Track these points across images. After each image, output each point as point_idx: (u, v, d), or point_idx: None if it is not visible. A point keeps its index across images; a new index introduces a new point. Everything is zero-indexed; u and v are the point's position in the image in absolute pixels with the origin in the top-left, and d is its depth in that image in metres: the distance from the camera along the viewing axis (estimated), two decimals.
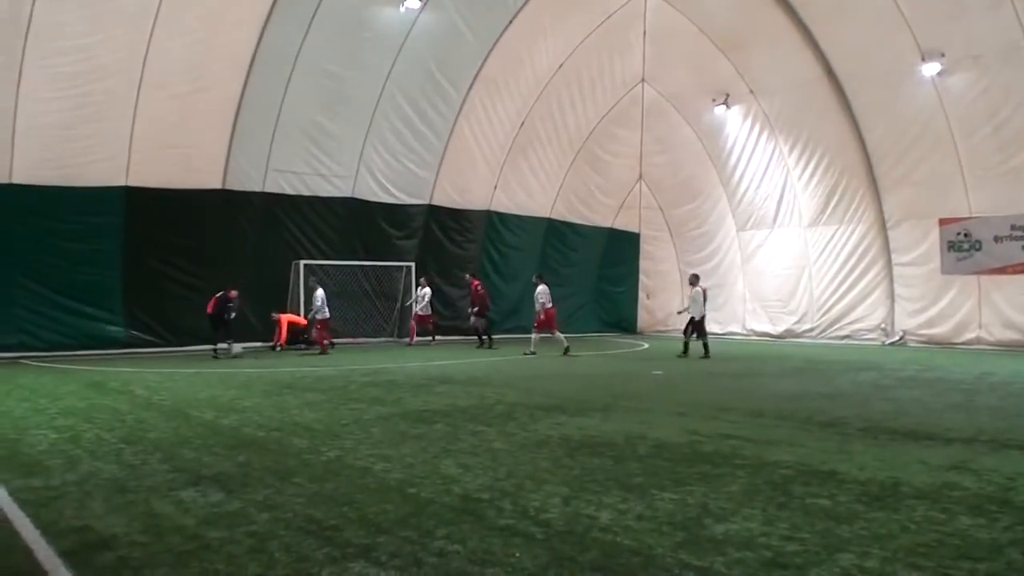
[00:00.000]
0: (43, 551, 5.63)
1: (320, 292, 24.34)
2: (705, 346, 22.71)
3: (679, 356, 22.82)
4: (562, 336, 23.77)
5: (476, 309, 27.15)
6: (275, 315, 25.39)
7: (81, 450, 9.17)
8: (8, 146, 21.27)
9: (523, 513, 6.45)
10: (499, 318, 31.73)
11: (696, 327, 22.96)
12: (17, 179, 21.58)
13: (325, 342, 24.15)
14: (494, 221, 32.17)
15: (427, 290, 27.94)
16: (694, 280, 23.62)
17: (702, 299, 23.01)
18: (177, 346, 23.81)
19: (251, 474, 7.90)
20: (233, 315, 22.61)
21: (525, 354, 22.79)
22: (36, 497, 7.03)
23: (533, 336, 23.86)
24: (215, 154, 24.62)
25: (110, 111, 22.28)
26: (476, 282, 27.63)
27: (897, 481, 7.53)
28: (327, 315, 24.28)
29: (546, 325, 23.77)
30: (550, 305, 23.70)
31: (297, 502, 6.83)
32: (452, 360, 21.76)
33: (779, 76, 29.28)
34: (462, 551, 5.57)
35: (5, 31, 20.07)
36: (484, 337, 27.10)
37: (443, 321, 30.66)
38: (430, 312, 27.89)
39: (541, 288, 23.75)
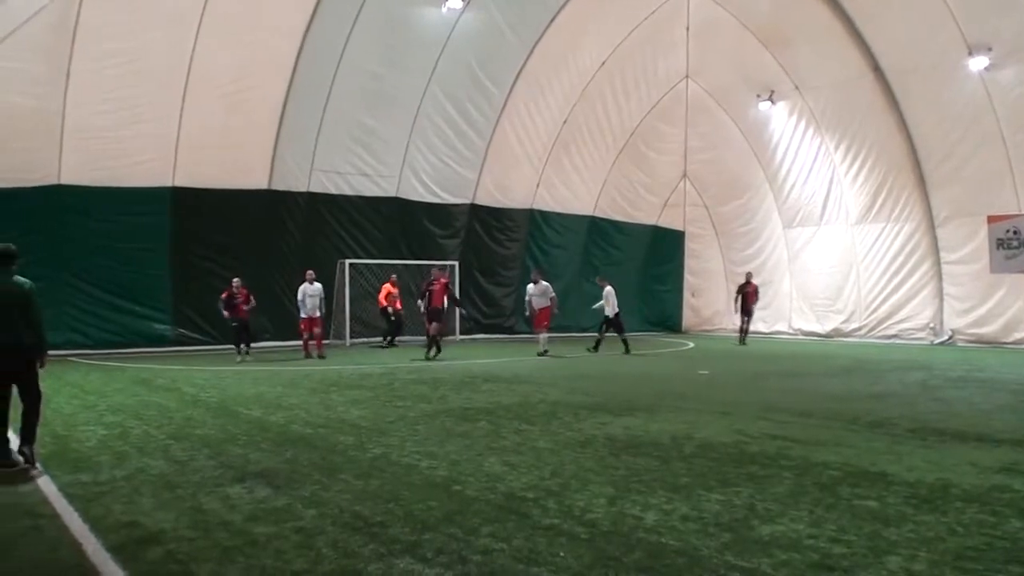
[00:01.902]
0: (92, 546, 5.71)
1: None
2: (624, 342, 23.80)
3: (589, 350, 23.82)
4: (544, 337, 23.28)
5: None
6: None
7: (129, 446, 9.28)
8: (56, 148, 21.56)
9: (568, 512, 6.43)
10: None
11: (612, 324, 24.27)
12: (65, 180, 21.86)
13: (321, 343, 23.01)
14: (537, 219, 32.09)
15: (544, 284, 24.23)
16: (603, 280, 24.98)
17: (613, 297, 24.20)
18: (224, 344, 24.00)
19: (298, 470, 7.95)
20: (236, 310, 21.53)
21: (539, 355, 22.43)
22: (85, 492, 7.14)
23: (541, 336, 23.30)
24: (261, 154, 24.78)
25: (156, 113, 22.49)
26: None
27: (946, 483, 7.43)
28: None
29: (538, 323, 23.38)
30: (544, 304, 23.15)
31: (343, 498, 6.87)
32: (496, 359, 21.76)
33: (824, 72, 28.90)
34: (507, 549, 5.56)
35: (52, 34, 20.34)
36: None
37: (486, 319, 30.69)
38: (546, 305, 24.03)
39: (539, 287, 23.22)
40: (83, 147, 21.74)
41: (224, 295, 21.51)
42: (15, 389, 8.59)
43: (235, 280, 21.67)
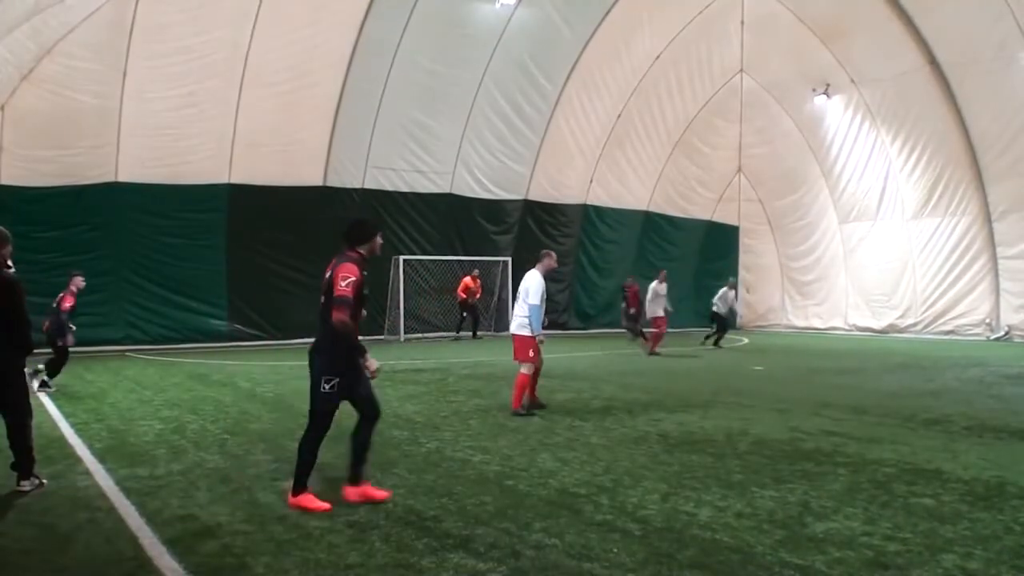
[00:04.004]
0: (148, 539, 5.80)
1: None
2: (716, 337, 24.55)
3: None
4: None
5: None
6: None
7: (186, 440, 9.41)
8: (114, 145, 21.93)
9: (621, 509, 6.41)
10: (595, 312, 31.67)
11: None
12: (123, 177, 22.23)
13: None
14: (590, 215, 31.98)
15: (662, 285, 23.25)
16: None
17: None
18: (279, 339, 24.27)
19: None
20: None
21: None
22: (142, 486, 7.25)
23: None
24: (316, 151, 25.00)
25: (213, 109, 22.79)
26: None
27: (1003, 481, 7.32)
28: None
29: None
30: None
31: (397, 493, 6.90)
32: (549, 355, 21.67)
33: (880, 65, 28.45)
34: (560, 545, 5.56)
35: (110, 33, 20.67)
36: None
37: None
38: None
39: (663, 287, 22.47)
40: (140, 144, 22.09)
41: None
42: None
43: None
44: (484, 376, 16.16)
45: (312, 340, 6.74)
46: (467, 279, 27.24)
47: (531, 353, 11.33)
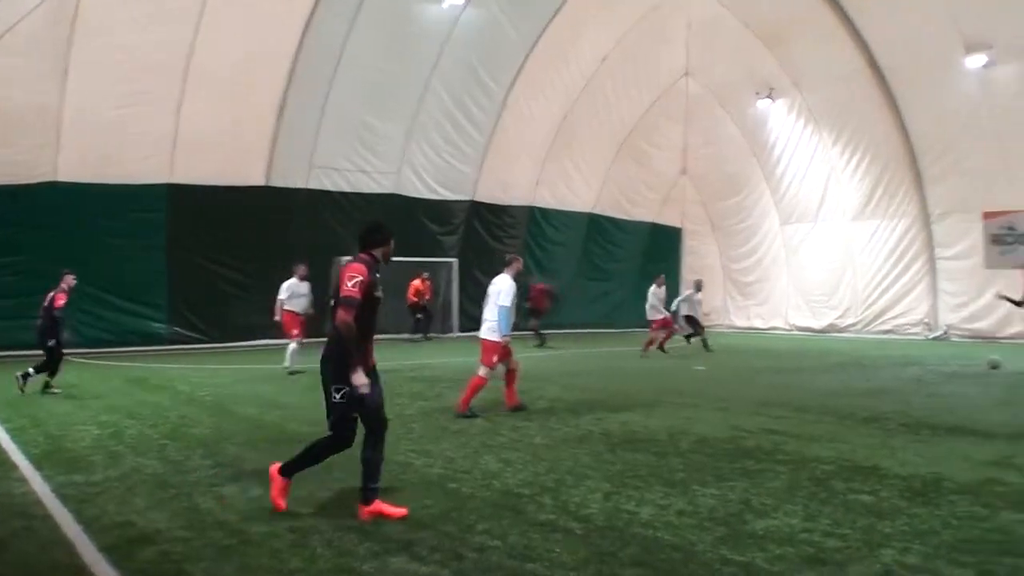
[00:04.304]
0: (85, 546, 5.71)
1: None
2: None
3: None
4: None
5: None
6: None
7: (124, 446, 9.27)
8: (54, 144, 21.52)
9: (563, 508, 6.45)
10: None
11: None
12: (62, 177, 21.82)
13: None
14: (536, 216, 32.04)
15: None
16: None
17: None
18: (221, 342, 23.99)
19: None
20: None
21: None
22: (79, 493, 7.13)
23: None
24: (259, 151, 24.73)
25: (154, 108, 22.39)
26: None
27: (939, 477, 7.47)
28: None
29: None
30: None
31: (339, 497, 6.86)
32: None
33: (822, 69, 28.88)
34: (502, 546, 5.57)
35: (51, 29, 20.27)
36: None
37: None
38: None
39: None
40: (81, 144, 21.65)
41: None
42: None
43: None
44: (428, 379, 16.12)
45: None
46: (416, 281, 27.08)
47: (494, 359, 11.32)
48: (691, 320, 23.78)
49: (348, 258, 7.14)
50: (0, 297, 20.58)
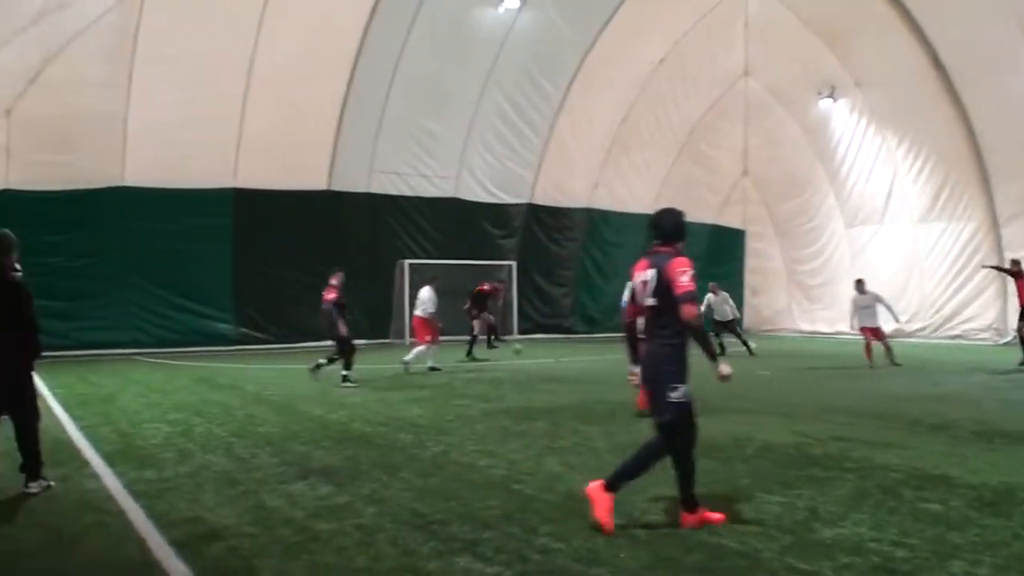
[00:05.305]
0: (155, 541, 5.80)
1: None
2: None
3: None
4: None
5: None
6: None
7: (193, 443, 9.42)
8: (120, 149, 22.01)
9: (627, 514, 6.38)
10: (600, 317, 31.56)
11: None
12: (129, 181, 22.33)
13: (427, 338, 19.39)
14: (595, 219, 32.00)
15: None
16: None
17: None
18: (286, 343, 24.32)
19: (359, 468, 8.02)
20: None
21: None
22: (149, 489, 7.26)
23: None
24: (321, 155, 25.08)
25: (217, 114, 22.87)
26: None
27: (1011, 486, 7.25)
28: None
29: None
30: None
31: (404, 496, 6.90)
32: (555, 359, 21.70)
33: (885, 68, 28.35)
34: (566, 549, 5.55)
35: (115, 38, 20.71)
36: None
37: (544, 319, 30.67)
38: None
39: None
40: (146, 149, 22.19)
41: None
42: None
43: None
44: (490, 380, 16.16)
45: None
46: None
47: None
48: (720, 324, 23.36)
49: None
50: (64, 299, 21.07)
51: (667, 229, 6.49)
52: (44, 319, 7.96)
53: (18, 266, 7.41)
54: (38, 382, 8.11)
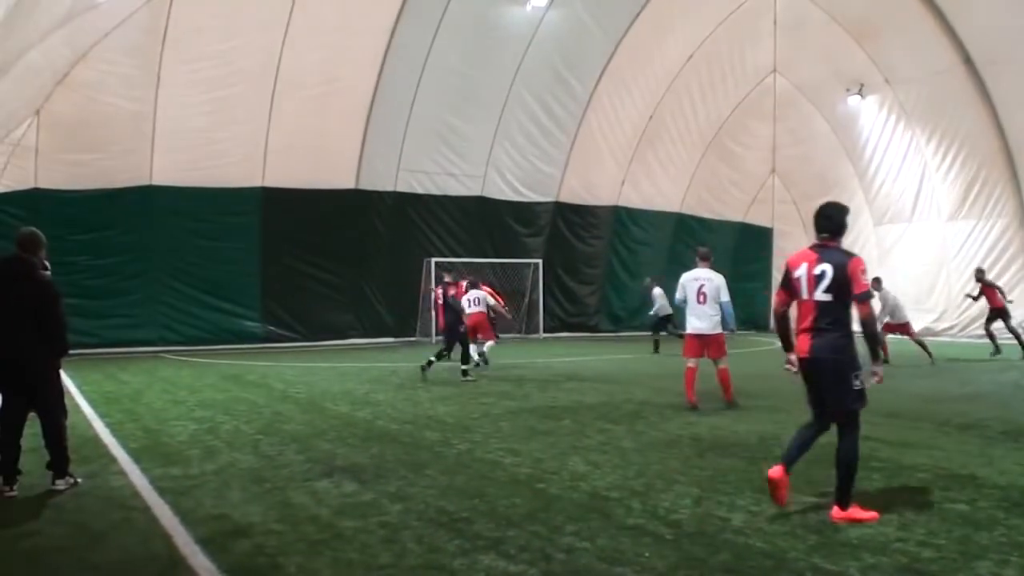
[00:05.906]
0: (182, 538, 5.85)
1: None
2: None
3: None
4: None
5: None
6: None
7: (219, 441, 9.48)
8: (148, 149, 22.14)
9: (652, 513, 6.37)
10: (626, 314, 31.48)
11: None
12: (157, 180, 22.46)
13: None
14: (622, 217, 31.86)
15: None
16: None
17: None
18: (313, 341, 24.43)
19: (384, 466, 8.04)
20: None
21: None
22: (176, 486, 7.31)
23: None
24: (348, 154, 25.12)
25: (245, 113, 22.94)
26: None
27: None
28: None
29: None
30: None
31: (429, 494, 6.92)
32: (579, 357, 21.69)
33: (914, 64, 28.05)
34: (591, 548, 5.54)
35: (144, 37, 20.83)
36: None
37: (569, 318, 30.62)
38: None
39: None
40: (174, 148, 22.28)
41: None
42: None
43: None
44: (514, 379, 16.15)
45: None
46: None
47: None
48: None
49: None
50: (92, 298, 21.20)
51: (837, 222, 6.70)
52: (72, 317, 8.03)
53: (47, 264, 7.47)
54: (65, 379, 8.18)
